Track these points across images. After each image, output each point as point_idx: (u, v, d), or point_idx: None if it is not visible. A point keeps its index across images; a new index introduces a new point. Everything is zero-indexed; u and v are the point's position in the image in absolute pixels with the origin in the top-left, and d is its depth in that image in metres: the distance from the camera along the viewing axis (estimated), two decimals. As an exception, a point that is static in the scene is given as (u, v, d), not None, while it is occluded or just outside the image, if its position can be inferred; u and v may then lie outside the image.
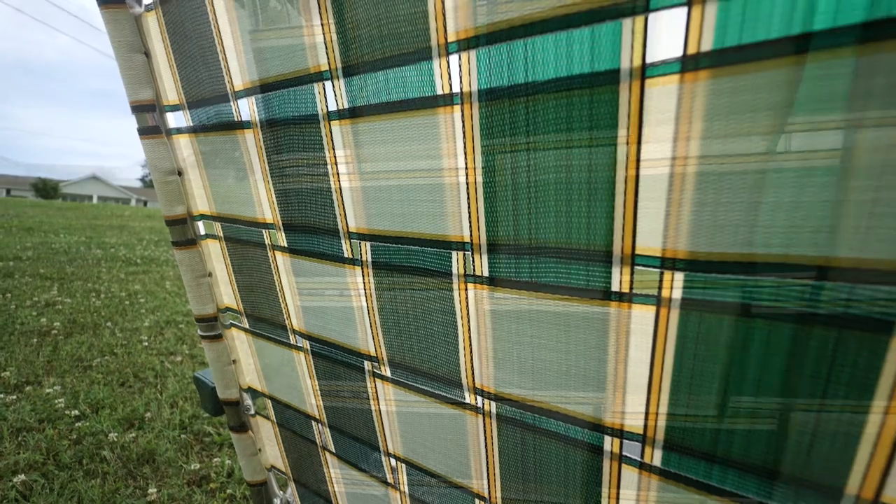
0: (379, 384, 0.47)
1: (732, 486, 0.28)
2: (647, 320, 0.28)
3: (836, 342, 0.22)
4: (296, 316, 0.52)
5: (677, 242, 0.25)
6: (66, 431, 1.46)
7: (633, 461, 0.32)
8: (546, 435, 0.36)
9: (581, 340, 0.31)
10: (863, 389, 0.22)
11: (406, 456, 0.49)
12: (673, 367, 0.28)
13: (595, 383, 0.31)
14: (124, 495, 1.19)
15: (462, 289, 0.36)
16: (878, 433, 0.22)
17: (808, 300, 0.23)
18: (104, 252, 5.25)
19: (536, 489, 0.39)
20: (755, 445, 0.26)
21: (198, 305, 0.58)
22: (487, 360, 0.37)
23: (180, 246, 0.56)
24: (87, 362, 2.01)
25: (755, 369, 0.25)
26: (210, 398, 0.66)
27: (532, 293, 0.32)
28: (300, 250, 0.47)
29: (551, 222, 0.29)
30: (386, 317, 0.42)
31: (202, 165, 0.52)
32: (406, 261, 0.38)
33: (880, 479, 0.23)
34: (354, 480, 0.58)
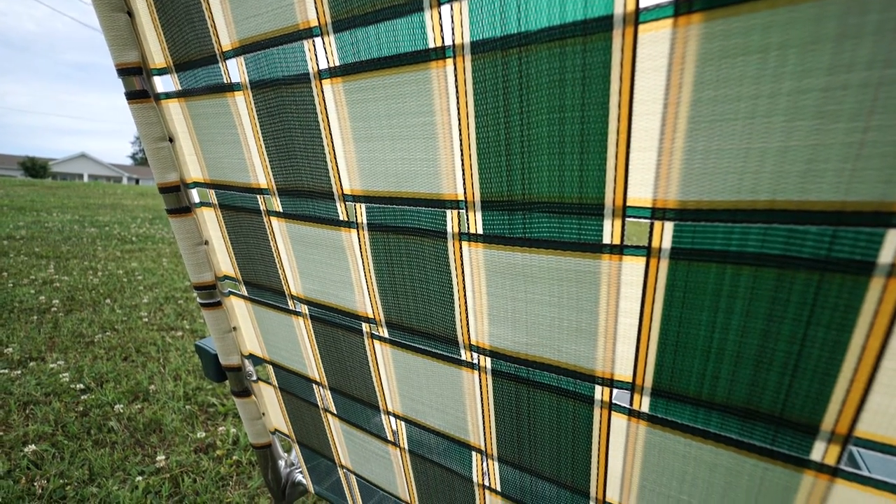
0: (377, 345, 0.48)
1: (716, 427, 0.29)
2: (637, 271, 0.28)
3: (819, 285, 0.23)
4: (293, 281, 0.52)
5: (667, 192, 0.25)
6: (72, 404, 1.49)
7: (623, 409, 0.33)
8: (539, 387, 0.37)
9: (573, 294, 0.32)
10: (841, 330, 0.23)
11: (405, 414, 0.51)
12: (661, 316, 0.29)
13: (586, 335, 0.32)
14: (133, 462, 1.23)
15: (457, 247, 0.36)
16: (855, 370, 0.24)
17: (793, 245, 0.23)
18: (98, 230, 5.21)
19: (530, 440, 0.40)
20: (737, 388, 0.28)
21: (195, 273, 0.59)
22: (482, 316, 0.37)
23: (175, 214, 0.55)
24: (89, 338, 2.03)
25: (740, 315, 0.26)
26: (212, 365, 0.68)
27: (525, 249, 0.32)
28: (295, 215, 0.47)
29: (544, 177, 0.29)
30: (382, 278, 0.43)
31: (193, 131, 0.52)
32: (401, 221, 0.39)
33: (854, 416, 0.25)
34: (356, 440, 0.60)
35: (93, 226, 5.57)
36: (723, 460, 0.30)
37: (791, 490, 0.28)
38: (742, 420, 0.28)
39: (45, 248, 3.96)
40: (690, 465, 0.32)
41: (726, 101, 0.22)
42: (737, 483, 0.30)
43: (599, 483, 0.38)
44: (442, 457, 0.50)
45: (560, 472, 0.40)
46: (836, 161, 0.21)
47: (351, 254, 0.44)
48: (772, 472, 0.28)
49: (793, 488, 0.28)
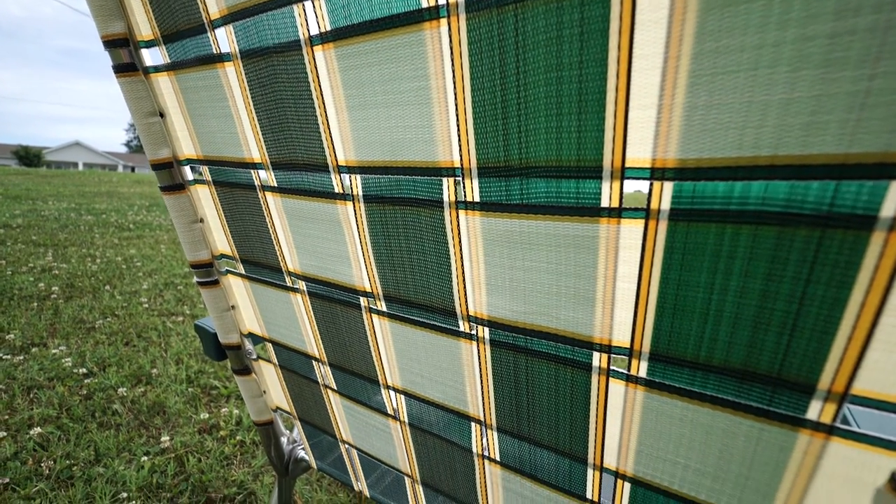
0: (375, 319, 0.48)
1: (713, 389, 0.30)
2: (635, 235, 0.28)
3: (819, 242, 0.23)
4: (290, 258, 0.52)
5: (667, 151, 0.25)
6: (75, 388, 1.51)
7: (620, 374, 0.33)
8: (537, 356, 0.37)
9: (571, 260, 0.31)
10: (841, 287, 0.23)
11: (405, 388, 0.51)
12: (660, 279, 0.28)
13: (584, 301, 0.32)
14: (138, 443, 1.25)
15: (454, 217, 0.36)
16: (853, 327, 0.23)
17: (794, 201, 0.23)
18: (95, 218, 5.18)
19: (529, 409, 0.41)
20: (735, 349, 0.28)
21: (191, 251, 0.58)
22: (480, 286, 0.37)
23: (168, 191, 0.55)
24: (90, 324, 2.04)
25: (738, 276, 0.26)
26: (212, 344, 0.68)
27: (523, 215, 0.32)
28: (290, 189, 0.46)
29: (541, 139, 0.29)
30: (379, 251, 0.43)
31: (184, 106, 0.51)
32: (397, 192, 0.38)
33: (851, 374, 0.25)
34: (357, 415, 0.61)
35: (89, 214, 5.54)
36: (719, 422, 0.30)
37: (787, 450, 0.28)
38: (739, 381, 0.28)
39: (43, 236, 3.94)
40: (687, 428, 0.32)
41: (729, 53, 0.22)
42: (733, 445, 0.30)
43: (597, 449, 0.38)
44: (442, 429, 0.51)
45: (558, 440, 0.40)
46: (840, 111, 0.20)
47: (347, 227, 0.44)
48: (768, 433, 0.29)
49: (788, 448, 0.28)
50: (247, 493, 1.09)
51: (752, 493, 0.31)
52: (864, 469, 0.26)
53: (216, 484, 1.11)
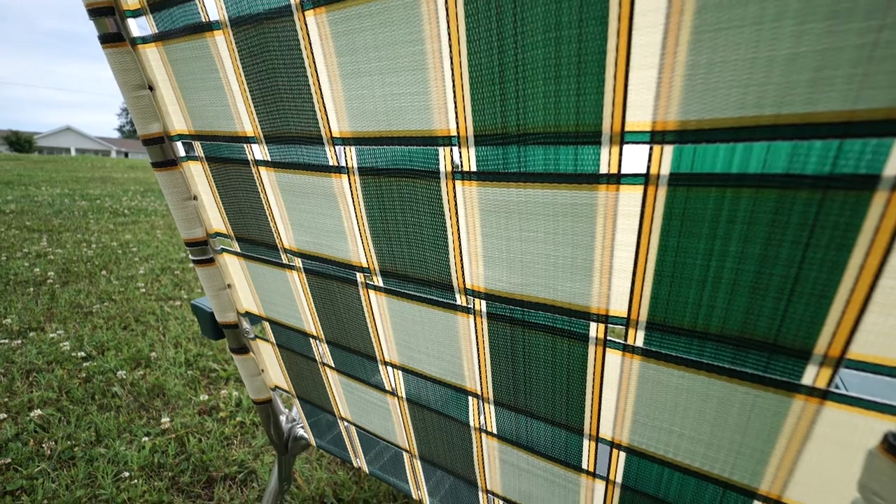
0: (372, 295, 0.48)
1: (709, 357, 0.30)
2: (634, 201, 0.28)
3: (820, 204, 0.23)
4: (285, 234, 0.52)
5: (668, 113, 0.24)
6: (74, 371, 1.51)
7: (617, 344, 0.33)
8: (534, 328, 0.37)
9: (569, 229, 0.31)
10: (840, 249, 0.23)
11: (402, 363, 0.51)
12: (658, 246, 0.28)
13: (582, 271, 0.32)
14: (139, 425, 1.26)
15: (450, 187, 0.35)
16: (851, 291, 0.23)
17: (796, 162, 0.22)
18: (90, 204, 5.13)
19: (525, 382, 0.41)
20: (732, 316, 0.27)
21: (185, 229, 0.58)
22: (477, 258, 0.37)
23: (160, 167, 0.54)
24: (87, 308, 2.04)
25: (738, 241, 0.25)
26: (209, 323, 0.68)
27: (520, 184, 0.31)
28: (284, 163, 0.46)
29: (539, 104, 0.28)
30: (375, 225, 0.42)
31: (173, 78, 0.49)
32: (392, 163, 0.38)
33: (847, 338, 0.25)
34: (355, 392, 0.61)
35: (83, 199, 5.49)
36: (715, 390, 0.30)
37: (781, 415, 0.29)
38: (735, 349, 0.28)
39: (37, 221, 3.91)
40: (683, 396, 0.32)
41: (733, 7, 0.21)
42: (728, 412, 0.31)
43: (593, 420, 0.38)
44: (439, 404, 0.51)
45: (555, 412, 0.41)
46: (846, 66, 0.20)
47: (342, 201, 0.43)
48: (763, 399, 0.29)
49: (783, 413, 0.28)
50: (248, 472, 1.11)
51: (746, 460, 0.32)
52: (856, 432, 0.27)
53: (217, 463, 1.13)
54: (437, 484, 0.63)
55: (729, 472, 0.33)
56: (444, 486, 0.62)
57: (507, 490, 0.52)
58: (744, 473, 0.32)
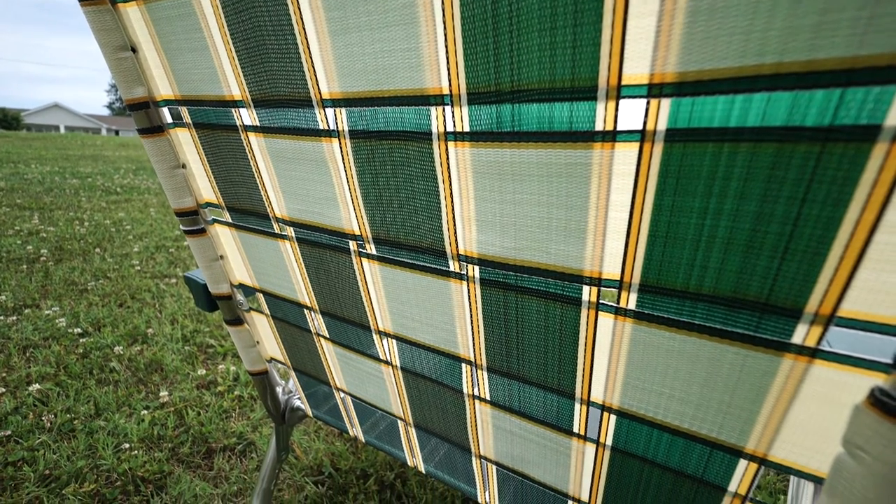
0: (365, 263, 0.47)
1: (701, 318, 0.30)
2: (629, 159, 0.27)
3: (819, 157, 0.22)
4: (277, 203, 0.51)
5: (666, 64, 0.24)
6: (71, 347, 1.52)
7: (609, 308, 0.33)
8: (527, 293, 0.37)
9: (563, 191, 0.31)
10: (837, 205, 0.23)
11: (396, 332, 0.51)
12: (653, 206, 0.28)
13: (576, 234, 0.32)
14: (138, 399, 1.27)
15: (442, 149, 0.34)
16: (846, 247, 0.23)
17: (796, 114, 0.22)
18: (81, 182, 5.06)
19: (518, 347, 0.41)
20: (725, 276, 0.27)
21: (175, 199, 0.57)
22: (470, 223, 0.37)
23: (147, 134, 0.52)
24: (82, 286, 2.03)
25: (733, 198, 0.25)
26: (202, 295, 0.68)
27: (514, 144, 0.31)
28: (273, 128, 0.44)
29: (534, 58, 0.27)
30: (367, 191, 0.41)
31: (156, 39, 0.48)
32: (384, 125, 0.37)
33: (839, 295, 0.24)
34: (350, 362, 0.61)
35: (74, 177, 5.40)
36: (705, 351, 0.31)
37: (769, 375, 0.29)
38: (727, 309, 0.28)
39: (27, 199, 3.85)
40: (673, 358, 0.32)
41: (737, -54, 0.20)
42: (717, 373, 0.31)
43: (585, 383, 0.39)
44: (433, 371, 0.52)
45: (547, 377, 0.41)
46: (852, 8, 0.19)
47: (333, 166, 0.42)
48: (752, 359, 0.29)
49: (771, 373, 0.29)
50: (246, 444, 1.13)
51: (734, 420, 0.32)
52: (843, 390, 0.27)
53: (216, 435, 1.15)
54: (432, 451, 0.64)
55: (717, 432, 0.33)
56: (438, 453, 0.63)
57: (500, 455, 0.53)
58: (731, 433, 0.33)
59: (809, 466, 0.31)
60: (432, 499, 0.97)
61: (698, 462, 0.36)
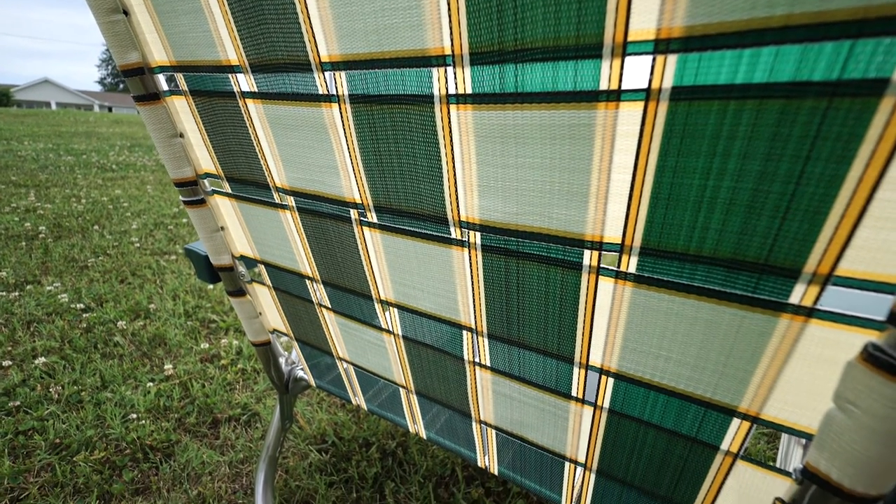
0: (366, 232, 0.47)
1: (700, 280, 0.30)
2: (633, 119, 0.27)
3: (824, 114, 0.22)
4: (276, 172, 0.50)
5: (674, 18, 0.23)
6: (75, 322, 1.53)
7: (609, 272, 0.34)
8: (528, 259, 0.37)
9: (566, 153, 0.30)
10: (840, 162, 0.23)
11: (397, 300, 0.52)
12: (656, 167, 0.28)
13: (578, 197, 0.32)
14: (143, 372, 1.30)
15: (444, 112, 0.34)
16: (847, 204, 0.23)
17: (804, 68, 0.21)
18: (76, 159, 5.00)
19: (519, 313, 0.42)
20: (726, 238, 0.28)
21: (174, 169, 0.56)
22: (472, 188, 0.36)
23: (142, 101, 0.52)
24: (82, 262, 2.03)
25: (737, 158, 0.25)
26: (204, 267, 0.68)
27: (517, 106, 0.30)
28: (272, 94, 0.44)
29: (538, 14, 0.27)
30: (368, 157, 0.41)
31: (149, 0, 0.46)
32: (384, 88, 0.36)
33: (838, 254, 0.25)
34: (352, 331, 0.62)
35: (69, 154, 5.33)
36: (703, 313, 0.31)
37: (766, 335, 0.29)
38: (727, 270, 0.29)
39: (22, 176, 3.81)
40: (672, 321, 0.33)
41: None
42: (714, 334, 0.32)
43: (584, 348, 0.40)
44: (434, 339, 0.52)
45: (547, 342, 0.42)
46: (867, -46, 0.18)
47: (334, 133, 0.42)
48: (749, 320, 0.30)
49: (767, 333, 0.29)
50: (251, 414, 1.16)
51: (729, 380, 0.33)
52: (837, 348, 0.27)
53: (221, 406, 1.17)
54: (433, 418, 0.66)
55: (711, 393, 0.34)
56: (439, 419, 0.65)
57: (500, 420, 0.54)
58: (726, 393, 0.34)
59: (800, 423, 0.32)
60: (432, 465, 1.00)
61: (693, 422, 0.37)
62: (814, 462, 0.27)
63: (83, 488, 0.92)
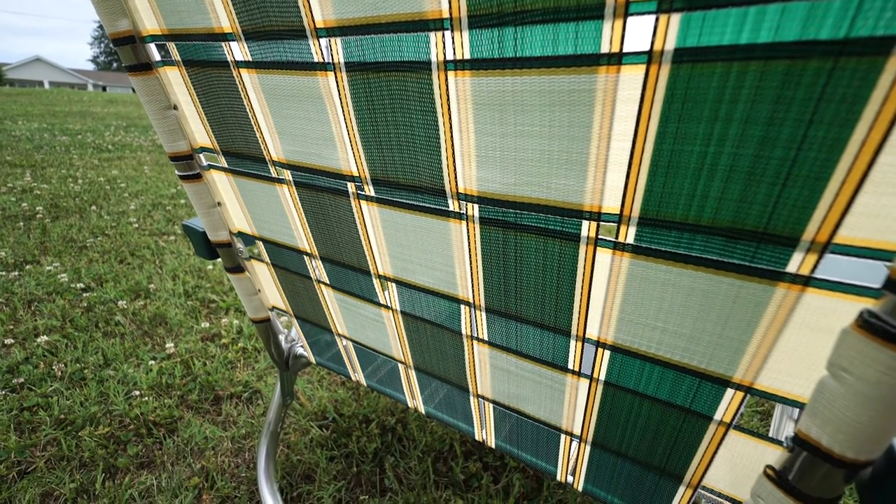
0: (364, 206, 0.47)
1: (698, 250, 0.30)
2: (634, 83, 0.26)
3: (830, 74, 0.21)
4: (273, 145, 0.50)
5: (678, -26, 0.22)
6: (75, 301, 1.54)
7: (608, 243, 0.34)
8: (526, 231, 0.37)
9: (565, 120, 0.30)
10: (844, 125, 0.22)
11: (396, 275, 0.52)
12: (656, 134, 0.27)
13: (577, 166, 0.31)
14: (144, 350, 1.31)
15: (442, 79, 0.33)
16: (849, 170, 0.23)
17: (811, 25, 0.21)
18: (71, 139, 4.94)
19: (516, 287, 0.42)
20: (725, 206, 0.27)
21: (168, 142, 0.56)
22: (470, 159, 0.36)
23: (134, 72, 0.50)
24: (81, 243, 2.03)
25: (738, 123, 0.25)
26: (202, 243, 0.68)
27: (516, 71, 0.30)
28: (266, 62, 0.43)
29: (539, -27, 0.26)
30: (365, 128, 0.40)
31: (138, -35, 0.45)
32: (381, 55, 0.35)
33: (837, 221, 0.25)
34: (350, 308, 0.63)
35: (64, 134, 5.27)
36: (700, 283, 0.31)
37: (762, 305, 0.29)
38: (725, 240, 0.28)
39: (17, 156, 3.78)
40: (668, 292, 0.33)
41: None
42: (711, 305, 0.32)
43: (580, 321, 0.40)
44: (432, 314, 0.53)
45: (544, 315, 0.42)
46: None
47: (330, 103, 0.41)
48: (746, 290, 0.30)
49: (764, 303, 0.29)
50: (252, 392, 1.17)
51: (724, 350, 0.33)
52: (833, 317, 0.27)
53: (222, 384, 1.19)
54: (432, 393, 0.67)
55: (706, 364, 0.35)
56: (438, 394, 0.66)
57: (497, 393, 0.55)
58: (720, 363, 0.34)
59: (793, 392, 0.32)
60: (431, 441, 1.02)
61: (687, 393, 0.37)
62: (805, 429, 0.28)
63: (89, 462, 0.94)
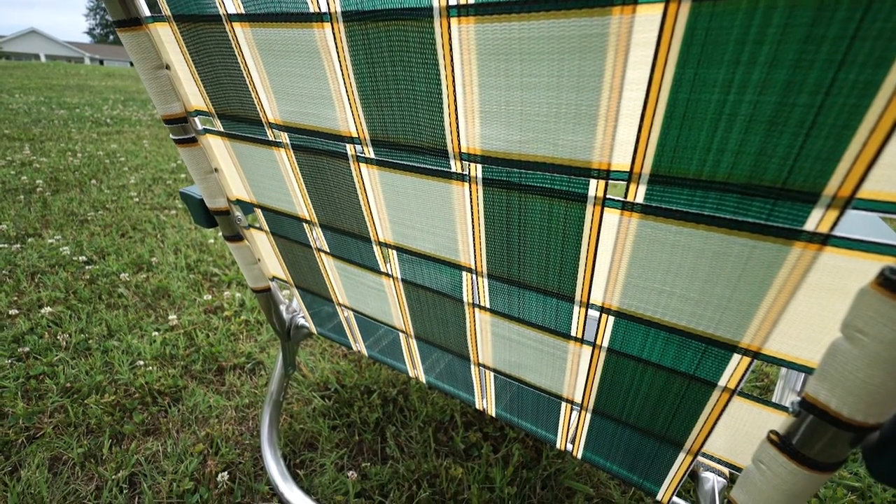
0: (364, 169, 0.46)
1: (711, 209, 0.29)
2: (651, 25, 0.25)
3: (867, 7, 0.20)
4: (269, 106, 0.48)
5: None
6: (78, 274, 1.54)
7: (616, 203, 0.32)
8: (531, 191, 0.36)
9: (574, 70, 0.28)
10: (878, 66, 0.20)
11: (396, 242, 0.51)
12: (673, 80, 0.25)
13: (586, 120, 0.30)
14: (148, 322, 1.32)
15: (444, 27, 0.31)
16: (880, 115, 0.21)
17: (849, -48, 0.19)
18: (69, 112, 4.87)
19: (520, 251, 0.41)
20: (742, 160, 0.26)
21: (161, 103, 0.54)
22: (473, 115, 0.34)
23: (123, 27, 0.48)
24: (82, 216, 2.02)
25: (763, 66, 0.23)
26: (200, 210, 0.67)
27: (523, 16, 0.28)
28: (260, 14, 0.41)
29: None
30: (363, 84, 0.39)
31: None
32: (379, 2, 0.33)
33: (863, 173, 0.23)
34: (351, 276, 0.62)
35: (62, 108, 5.20)
36: (711, 244, 0.30)
37: (776, 266, 0.28)
38: (740, 197, 0.27)
39: (15, 130, 3.73)
40: (678, 254, 0.32)
41: None
42: (721, 267, 0.30)
43: (585, 286, 0.39)
44: (434, 281, 0.52)
45: (547, 280, 0.41)
46: None
47: (327, 57, 0.39)
48: (759, 251, 0.28)
49: (777, 264, 0.28)
50: (255, 363, 1.18)
51: (732, 314, 0.32)
52: (849, 277, 0.26)
53: (226, 355, 1.20)
54: (433, 362, 0.67)
55: (713, 328, 0.34)
56: (439, 364, 0.66)
57: (498, 362, 0.54)
58: (728, 328, 0.33)
59: (802, 357, 0.31)
60: (432, 411, 1.03)
61: (692, 359, 0.37)
62: (813, 392, 0.27)
63: (95, 428, 0.95)
